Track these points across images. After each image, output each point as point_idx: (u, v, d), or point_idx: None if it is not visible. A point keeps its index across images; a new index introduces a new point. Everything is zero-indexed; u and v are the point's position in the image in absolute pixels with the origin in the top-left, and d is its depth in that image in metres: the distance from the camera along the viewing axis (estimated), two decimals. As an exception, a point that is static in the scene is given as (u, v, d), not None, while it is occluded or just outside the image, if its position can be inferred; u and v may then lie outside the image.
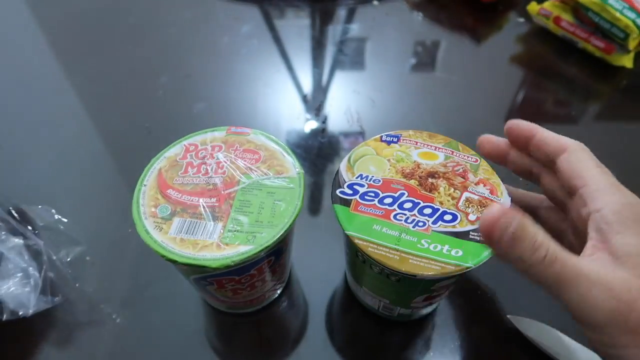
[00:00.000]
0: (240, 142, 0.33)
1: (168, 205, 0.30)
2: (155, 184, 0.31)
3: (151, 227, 0.29)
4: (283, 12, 0.69)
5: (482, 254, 0.27)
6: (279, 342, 0.36)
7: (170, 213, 0.29)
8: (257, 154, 0.33)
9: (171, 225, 0.29)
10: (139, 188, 0.31)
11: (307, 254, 0.40)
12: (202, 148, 0.33)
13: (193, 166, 0.32)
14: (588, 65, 0.61)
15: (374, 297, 0.34)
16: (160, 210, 0.29)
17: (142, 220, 0.29)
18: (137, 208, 0.30)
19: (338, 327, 0.37)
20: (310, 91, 0.57)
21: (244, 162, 0.32)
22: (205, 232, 0.28)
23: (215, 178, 0.31)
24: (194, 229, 0.28)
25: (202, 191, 0.30)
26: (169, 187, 0.31)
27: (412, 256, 0.27)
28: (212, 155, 0.33)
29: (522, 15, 0.68)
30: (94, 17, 0.67)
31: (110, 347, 0.35)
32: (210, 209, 0.29)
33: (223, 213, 0.29)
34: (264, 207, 0.30)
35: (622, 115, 0.56)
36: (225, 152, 0.33)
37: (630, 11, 0.56)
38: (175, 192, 0.30)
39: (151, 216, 0.29)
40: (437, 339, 0.36)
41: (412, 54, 0.63)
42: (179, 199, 0.30)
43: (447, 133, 0.35)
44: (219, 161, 0.32)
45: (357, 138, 0.51)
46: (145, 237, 0.28)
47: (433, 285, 0.29)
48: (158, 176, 0.31)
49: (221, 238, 0.28)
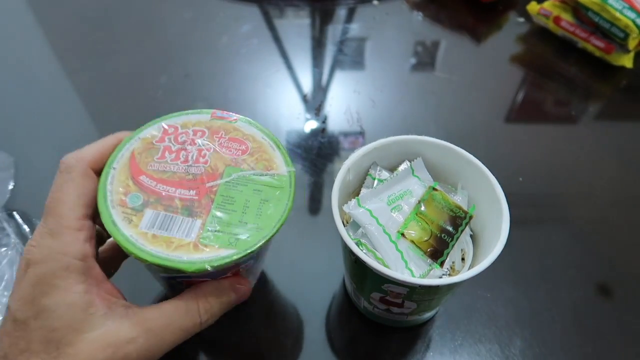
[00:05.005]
0: (226, 130, 0.30)
1: (140, 194, 0.26)
2: (127, 168, 0.27)
3: (119, 218, 0.25)
4: (283, 12, 0.69)
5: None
6: (278, 344, 0.36)
7: (142, 203, 0.25)
8: (244, 145, 0.29)
9: (142, 218, 0.25)
10: (107, 171, 0.26)
11: (307, 254, 0.40)
12: (182, 132, 0.29)
13: (171, 151, 0.28)
14: (588, 65, 0.61)
15: (349, 282, 0.33)
16: (131, 199, 0.25)
17: (108, 209, 0.25)
18: (104, 194, 0.25)
19: (337, 328, 0.37)
20: (310, 91, 0.57)
21: (230, 153, 0.28)
22: (181, 229, 0.25)
23: (196, 167, 0.27)
24: (169, 225, 0.25)
25: (180, 181, 0.27)
26: (143, 172, 0.26)
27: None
28: (193, 141, 0.28)
29: (522, 15, 0.68)
30: (94, 17, 0.67)
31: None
32: (188, 202, 0.26)
33: (202, 209, 0.26)
34: (249, 206, 0.26)
35: (622, 115, 0.56)
36: (208, 139, 0.29)
37: (630, 11, 0.56)
38: (149, 180, 0.26)
39: (120, 205, 0.25)
40: (437, 340, 0.36)
41: (412, 54, 0.63)
42: (153, 187, 0.26)
43: (447, 133, 0.35)
44: (200, 148, 0.28)
45: (357, 138, 0.51)
46: (111, 230, 0.24)
47: (382, 284, 0.29)
48: (130, 159, 0.27)
49: (200, 238, 0.25)
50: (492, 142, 0.52)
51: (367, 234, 0.31)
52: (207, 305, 0.26)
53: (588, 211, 0.45)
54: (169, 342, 0.25)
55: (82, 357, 0.22)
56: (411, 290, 0.29)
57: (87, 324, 0.23)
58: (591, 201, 0.46)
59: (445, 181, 0.35)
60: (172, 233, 0.25)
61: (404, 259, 0.30)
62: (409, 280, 0.27)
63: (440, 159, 0.35)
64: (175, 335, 0.25)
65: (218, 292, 0.27)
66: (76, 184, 0.25)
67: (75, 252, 0.24)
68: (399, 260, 0.30)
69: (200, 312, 0.26)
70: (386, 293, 0.30)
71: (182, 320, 0.25)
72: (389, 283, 0.29)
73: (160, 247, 0.24)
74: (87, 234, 0.25)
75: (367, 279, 0.30)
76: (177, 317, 0.25)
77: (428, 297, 0.30)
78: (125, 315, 0.24)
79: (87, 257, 0.24)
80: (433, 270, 0.30)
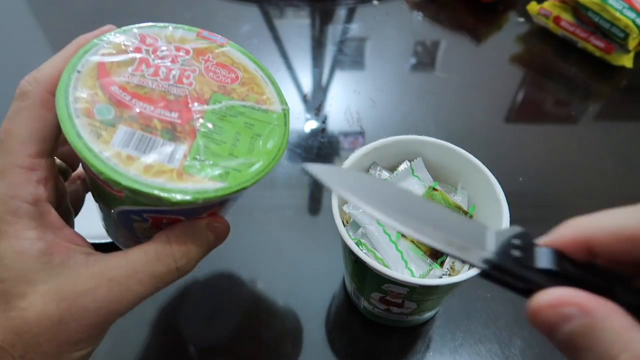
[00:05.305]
0: (214, 54, 0.26)
1: (111, 106, 0.21)
2: (95, 74, 0.22)
3: (85, 131, 0.20)
4: (283, 12, 0.69)
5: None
6: (278, 344, 0.36)
7: (113, 117, 0.21)
8: (234, 73, 0.25)
9: (114, 134, 0.21)
10: (69, 74, 0.22)
11: (307, 254, 0.40)
12: (163, 46, 0.24)
13: (149, 65, 0.23)
14: (588, 65, 0.61)
15: (349, 282, 0.33)
16: (100, 110, 0.21)
17: (71, 119, 0.20)
18: (64, 99, 0.21)
19: (337, 328, 0.37)
20: (310, 91, 0.57)
21: (217, 79, 0.25)
22: (162, 153, 0.21)
23: (178, 88, 0.23)
24: (147, 146, 0.21)
25: (159, 100, 0.22)
26: (114, 82, 0.22)
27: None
28: (175, 59, 0.24)
29: (522, 15, 0.68)
30: (94, 17, 0.67)
31: (109, 346, 0.35)
32: (169, 125, 0.22)
33: (187, 135, 0.22)
34: (239, 139, 0.23)
35: (622, 115, 0.56)
36: (193, 60, 0.25)
37: (630, 11, 0.56)
38: (122, 92, 0.22)
39: (85, 115, 0.21)
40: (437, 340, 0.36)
41: (412, 54, 0.63)
42: (126, 101, 0.22)
43: (448, 132, 0.35)
44: (184, 68, 0.24)
45: (357, 138, 0.51)
46: (76, 144, 0.20)
47: (382, 284, 0.29)
48: (99, 65, 0.22)
49: (184, 166, 0.21)
50: (492, 142, 0.52)
51: (367, 234, 0.31)
52: (183, 248, 0.23)
53: (588, 211, 0.45)
54: (138, 293, 0.22)
55: (34, 310, 0.20)
56: (411, 290, 0.29)
57: (41, 275, 0.21)
58: (591, 201, 0.46)
59: (445, 181, 0.35)
60: (151, 156, 0.21)
61: (404, 259, 0.30)
62: (409, 280, 0.27)
63: (440, 159, 0.35)
64: (145, 285, 0.22)
65: (194, 232, 0.24)
66: (31, 114, 0.22)
67: (25, 195, 0.21)
68: (399, 260, 0.30)
69: (175, 256, 0.23)
70: (386, 293, 0.30)
71: (152, 266, 0.22)
72: (389, 283, 0.29)
73: (137, 170, 0.20)
74: (42, 175, 0.22)
75: (367, 279, 0.30)
76: (146, 263, 0.22)
77: (428, 297, 0.30)
78: (84, 263, 0.22)
79: (39, 200, 0.22)
80: (433, 270, 0.30)
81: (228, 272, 0.40)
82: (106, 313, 0.21)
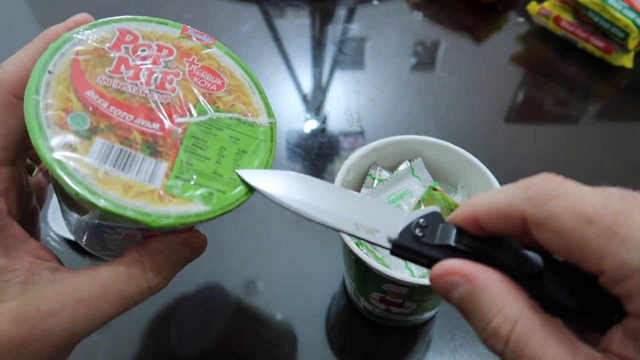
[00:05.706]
0: (200, 56, 0.24)
1: (86, 114, 0.19)
2: (68, 75, 0.20)
3: (58, 144, 0.18)
4: (283, 12, 0.69)
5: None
6: (278, 344, 0.36)
7: (89, 128, 0.19)
8: (220, 79, 0.23)
9: (91, 148, 0.19)
10: (39, 74, 0.19)
11: (307, 254, 0.40)
12: (144, 44, 0.23)
13: (129, 66, 0.21)
14: (588, 65, 0.61)
15: (349, 282, 0.33)
16: (74, 119, 0.19)
17: (42, 130, 0.18)
18: (34, 106, 0.18)
19: (337, 328, 0.37)
20: (310, 91, 0.57)
21: (202, 85, 0.23)
22: (142, 171, 0.19)
23: (160, 95, 0.21)
24: (126, 163, 0.19)
25: (139, 107, 0.20)
26: (90, 86, 0.20)
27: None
28: (157, 59, 0.22)
29: (522, 15, 0.68)
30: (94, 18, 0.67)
31: (110, 346, 0.35)
32: (150, 138, 0.20)
33: (168, 149, 0.20)
34: (224, 155, 0.22)
35: (622, 115, 0.56)
36: (177, 62, 0.23)
37: (630, 11, 0.56)
38: (98, 98, 0.20)
39: (58, 125, 0.18)
40: (437, 340, 0.36)
41: (412, 54, 0.63)
42: (103, 109, 0.20)
43: (447, 132, 0.35)
44: (167, 71, 0.22)
45: (357, 138, 0.51)
46: (48, 160, 0.18)
47: (383, 284, 0.29)
48: (73, 64, 0.20)
49: (166, 186, 0.20)
50: (492, 142, 0.52)
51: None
52: (156, 267, 0.22)
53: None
54: (106, 314, 0.21)
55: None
56: (411, 290, 0.29)
57: (0, 294, 0.19)
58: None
59: (445, 181, 0.35)
60: (130, 174, 0.19)
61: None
62: (409, 280, 0.27)
63: (440, 159, 0.35)
64: (114, 305, 0.21)
65: (169, 249, 0.22)
66: None
67: None
68: (399, 260, 0.30)
69: (147, 275, 0.21)
70: (386, 293, 0.30)
71: (122, 286, 0.21)
72: (389, 283, 0.29)
73: (115, 190, 0.18)
74: (1, 186, 0.20)
75: (367, 279, 0.30)
76: (116, 283, 0.21)
77: (428, 297, 0.30)
78: (50, 281, 0.20)
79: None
80: None
81: (228, 272, 0.40)
82: (71, 335, 0.20)
